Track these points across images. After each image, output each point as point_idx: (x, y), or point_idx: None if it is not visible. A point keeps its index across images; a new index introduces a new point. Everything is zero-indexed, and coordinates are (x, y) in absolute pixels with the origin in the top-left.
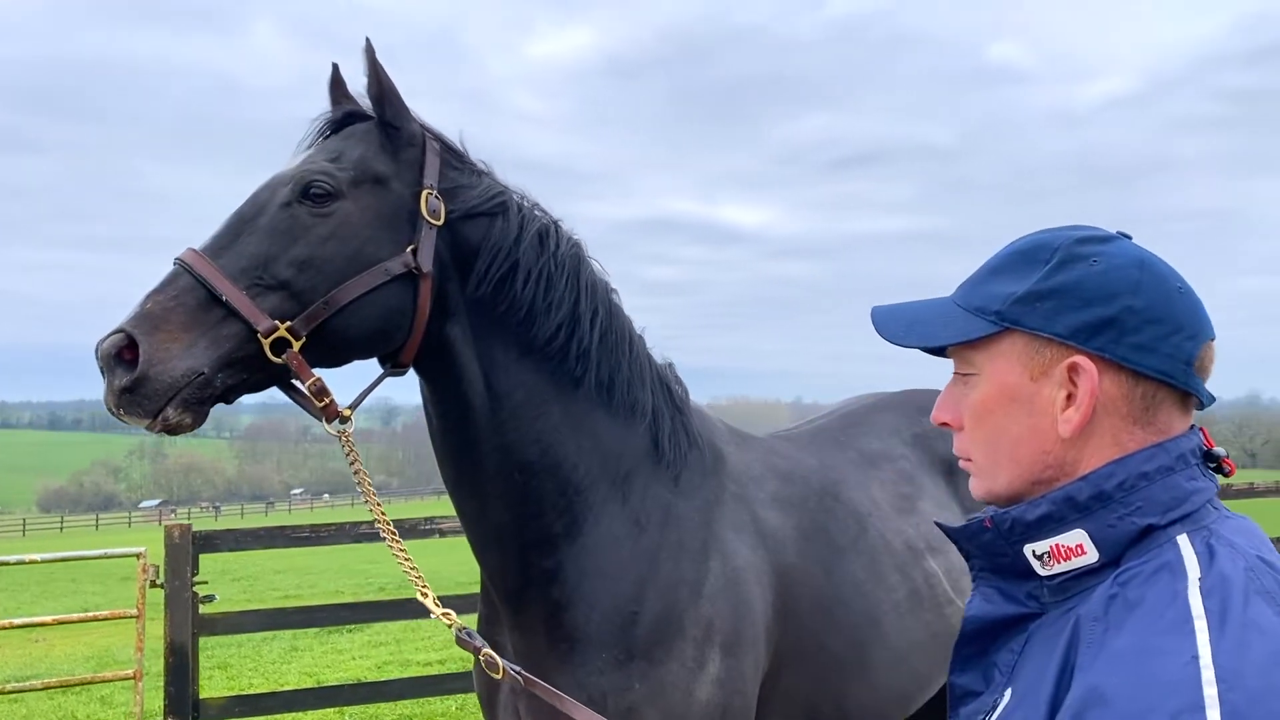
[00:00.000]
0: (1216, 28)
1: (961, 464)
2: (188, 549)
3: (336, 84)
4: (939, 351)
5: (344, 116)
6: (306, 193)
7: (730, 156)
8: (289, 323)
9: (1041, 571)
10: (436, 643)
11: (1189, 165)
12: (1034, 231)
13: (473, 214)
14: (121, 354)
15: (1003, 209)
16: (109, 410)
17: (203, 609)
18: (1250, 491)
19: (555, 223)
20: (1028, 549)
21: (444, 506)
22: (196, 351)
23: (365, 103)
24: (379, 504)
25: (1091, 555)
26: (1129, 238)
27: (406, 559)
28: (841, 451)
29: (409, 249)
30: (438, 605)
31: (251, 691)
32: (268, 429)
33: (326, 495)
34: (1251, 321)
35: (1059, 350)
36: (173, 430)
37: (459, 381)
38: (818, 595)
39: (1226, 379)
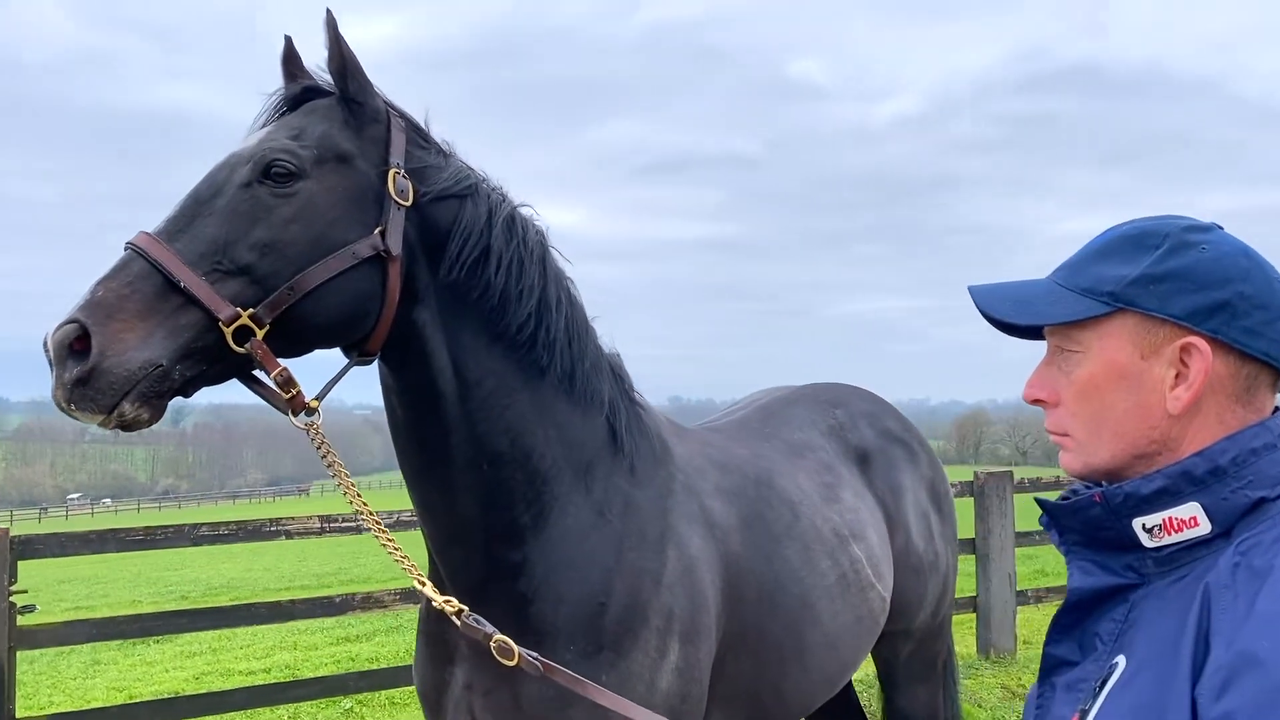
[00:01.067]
0: (995, 57)
1: (1055, 439)
2: (4, 555)
3: (290, 58)
4: (1030, 333)
5: (302, 92)
6: (268, 172)
7: (539, 156)
8: (251, 310)
9: (1149, 544)
10: (256, 650)
11: (971, 183)
12: (1136, 219)
13: (443, 196)
14: (73, 345)
15: (805, 218)
16: (59, 405)
17: (20, 620)
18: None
19: (519, 208)
20: (1137, 522)
21: (238, 511)
22: (153, 342)
23: (324, 78)
24: (360, 496)
25: (1204, 527)
26: (1223, 229)
27: (396, 549)
28: (768, 442)
29: (377, 231)
30: (437, 594)
31: (63, 710)
32: (40, 430)
33: (108, 500)
34: None
35: (1173, 331)
36: (128, 426)
37: (428, 369)
38: (760, 582)
39: (1003, 381)
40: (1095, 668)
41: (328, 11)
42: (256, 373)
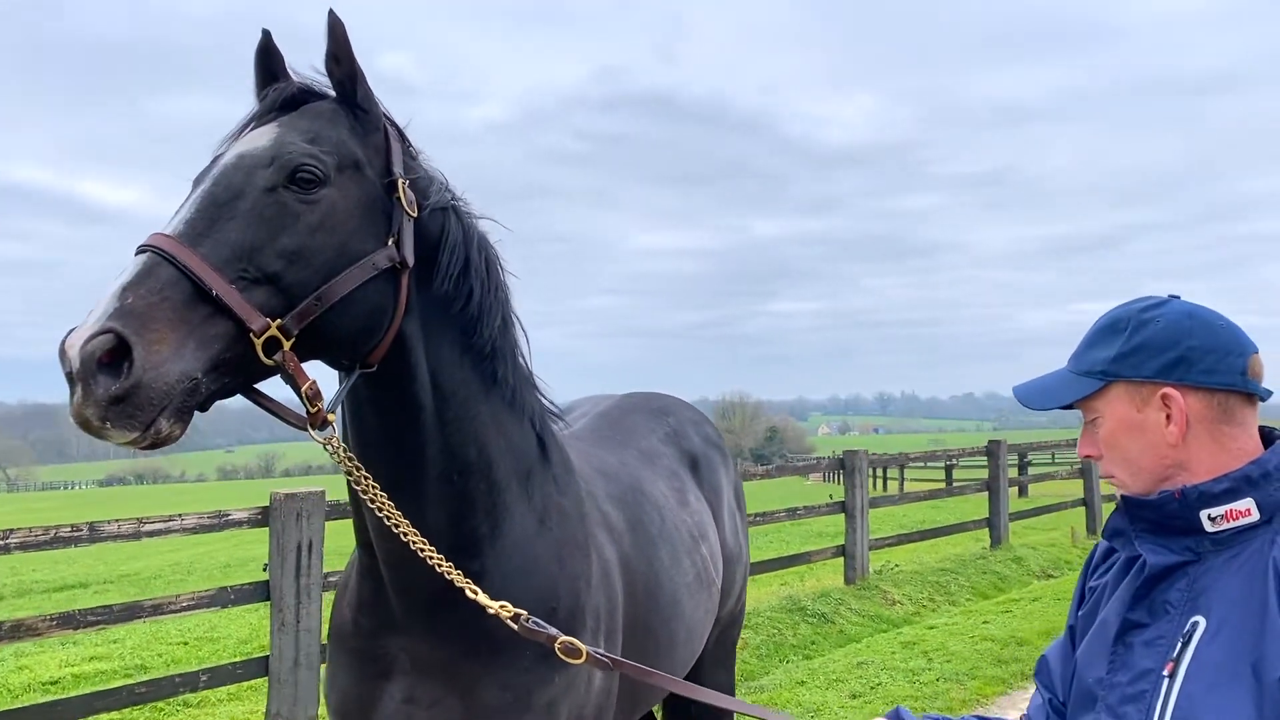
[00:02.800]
0: (580, 75)
1: (1110, 481)
2: None
3: (268, 53)
4: (1068, 406)
5: (298, 92)
6: (293, 177)
7: (93, 125)
8: (279, 320)
9: (1210, 529)
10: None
11: (558, 193)
12: (1112, 308)
13: (436, 207)
14: (102, 358)
15: None
16: (85, 423)
17: None
18: None
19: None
20: (1204, 513)
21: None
22: (186, 354)
23: (315, 78)
24: (394, 509)
25: (1254, 515)
26: (1179, 298)
27: (441, 560)
28: (625, 450)
29: (390, 242)
30: (493, 602)
31: None
32: None
33: None
34: (605, 334)
35: (1151, 387)
36: (160, 444)
37: (412, 381)
38: (645, 582)
39: (595, 385)
40: (1171, 627)
41: (331, 13)
42: (258, 385)
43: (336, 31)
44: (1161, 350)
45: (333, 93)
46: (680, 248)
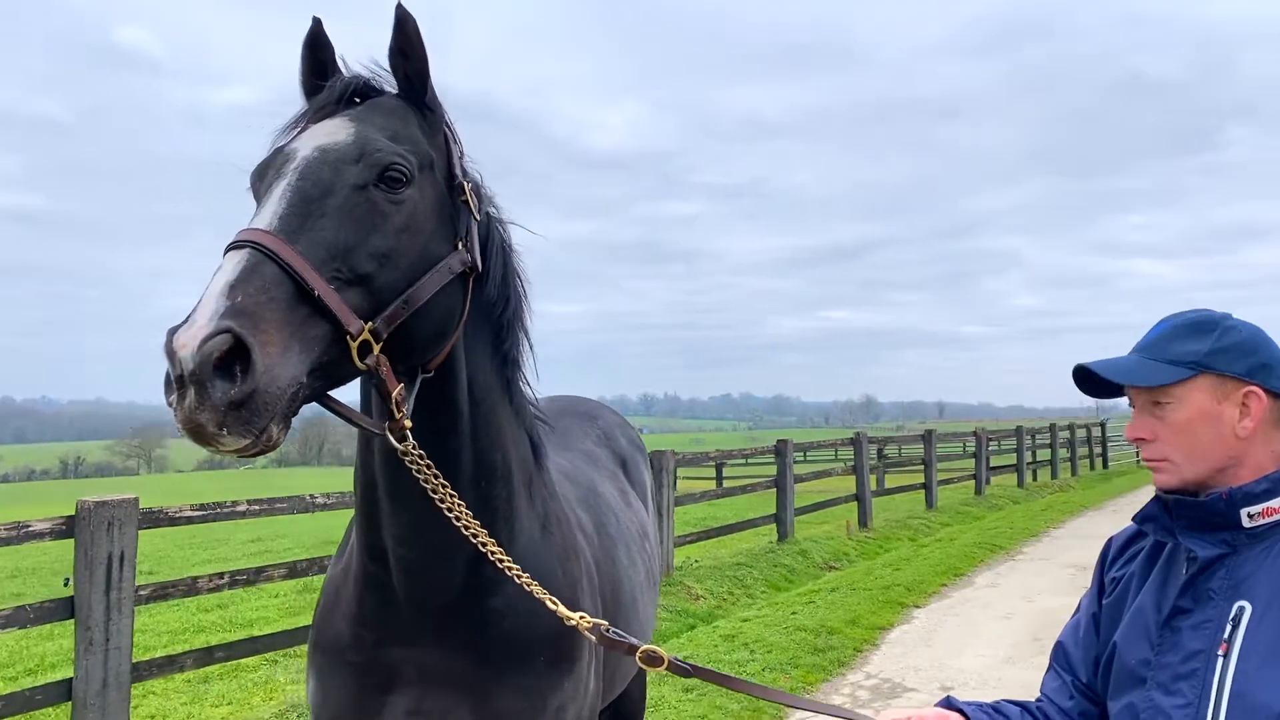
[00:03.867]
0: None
1: (1153, 463)
2: None
3: (319, 43)
4: (1110, 392)
5: (363, 86)
6: (383, 176)
7: None
8: (371, 324)
9: (1247, 525)
10: None
11: None
12: (1185, 311)
13: (489, 214)
14: (217, 360)
15: (129, 197)
16: (197, 429)
17: None
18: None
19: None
20: (1244, 511)
21: None
22: (293, 357)
23: (378, 72)
24: (472, 517)
25: None
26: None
27: (522, 574)
28: (571, 452)
29: (460, 245)
30: (572, 614)
31: None
32: None
33: None
34: None
35: (1236, 383)
36: (266, 450)
37: (456, 386)
38: (610, 582)
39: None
40: (1217, 612)
41: (400, 6)
42: (331, 391)
43: (407, 26)
44: (1249, 354)
45: (390, 88)
46: None
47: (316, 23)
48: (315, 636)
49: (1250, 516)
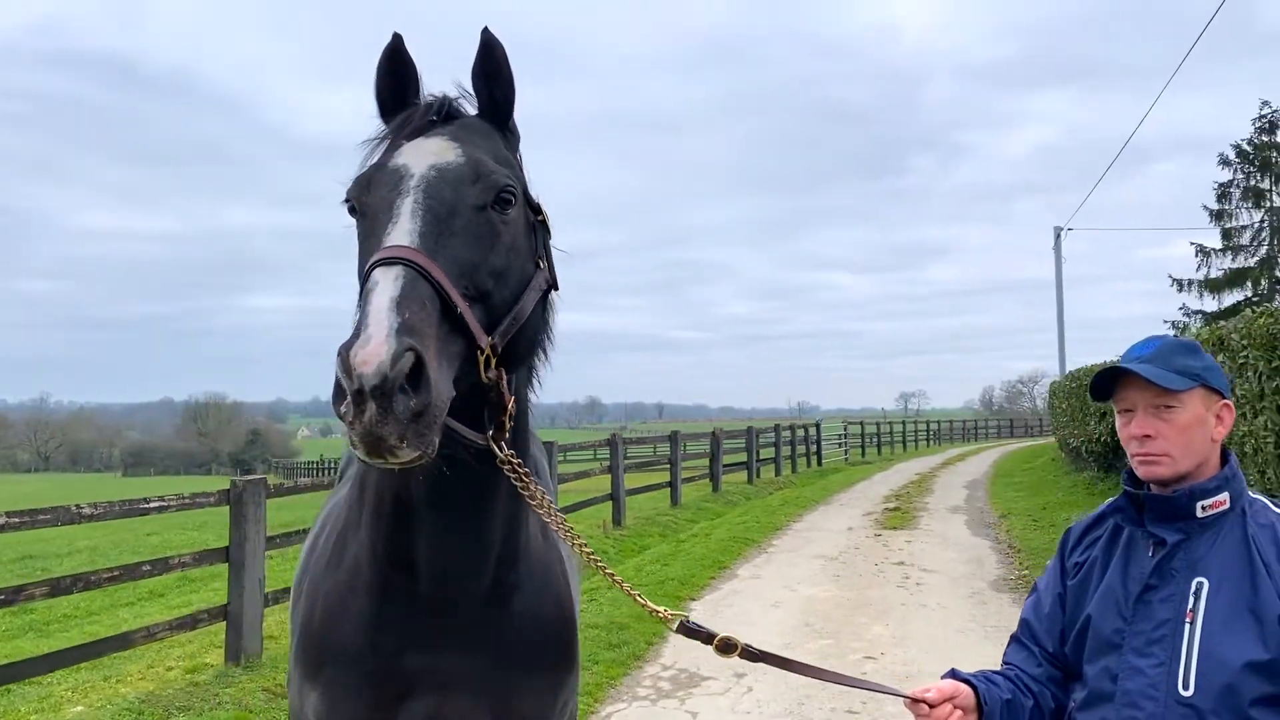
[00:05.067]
0: (14, 26)
1: (1153, 457)
2: None
3: (398, 57)
4: (1108, 393)
5: (452, 106)
6: (498, 197)
7: None
8: (491, 339)
9: (1200, 515)
10: None
11: None
12: (1165, 335)
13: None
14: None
15: None
16: (376, 442)
17: None
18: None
19: None
20: (1199, 504)
21: None
22: (445, 372)
23: (449, 89)
24: (571, 529)
25: (1227, 504)
26: None
27: (618, 578)
28: None
29: (541, 263)
30: (661, 607)
31: None
32: None
33: None
34: (39, 324)
35: (1218, 397)
36: (427, 461)
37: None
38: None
39: (16, 382)
40: (1180, 587)
41: (488, 31)
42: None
43: (496, 51)
44: (1222, 375)
45: (470, 108)
46: (137, 230)
47: (397, 38)
48: (318, 651)
49: (1203, 509)
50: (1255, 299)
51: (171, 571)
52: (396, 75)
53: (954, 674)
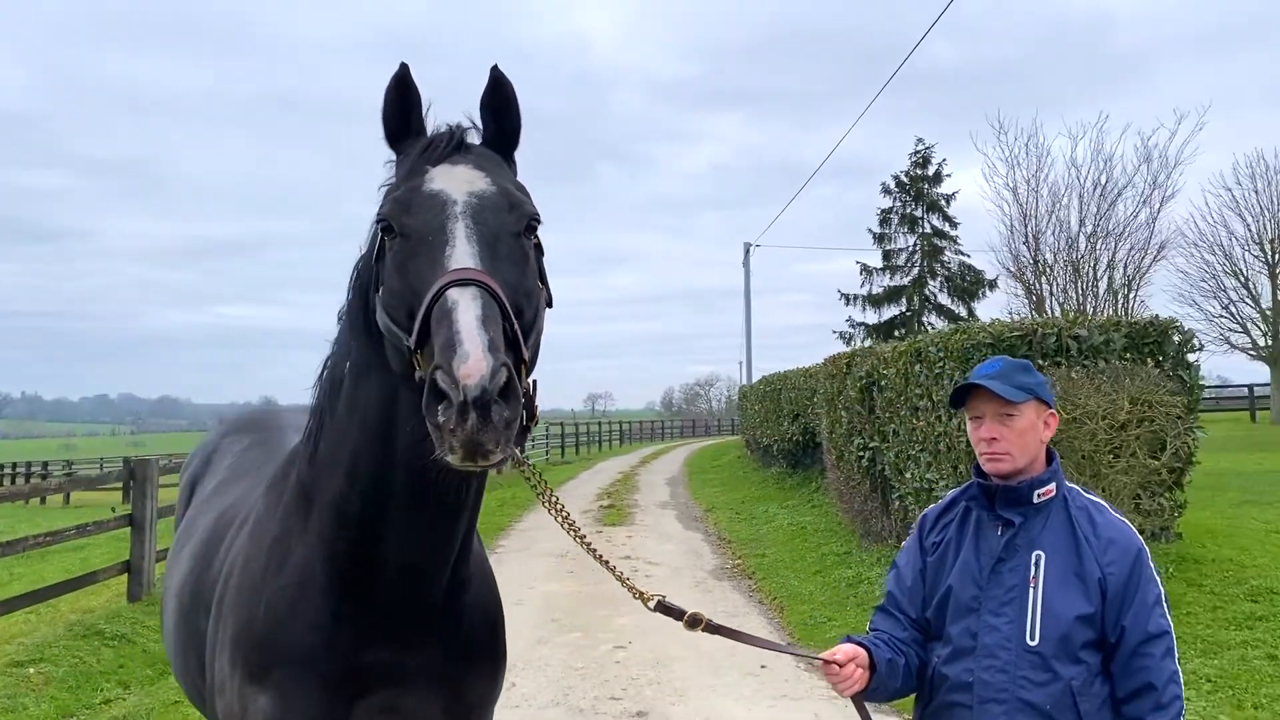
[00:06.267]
0: None
1: (998, 456)
2: None
3: (405, 85)
4: (958, 403)
5: (464, 135)
6: (529, 225)
7: None
8: (526, 353)
9: (1035, 501)
10: None
11: None
12: (1006, 357)
13: None
14: (500, 389)
15: None
16: (476, 448)
17: None
18: None
19: None
20: (1036, 492)
21: None
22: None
23: (460, 119)
24: (579, 528)
25: (1054, 492)
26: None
27: (611, 564)
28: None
29: (541, 282)
30: (639, 589)
31: None
32: None
33: None
34: None
35: (1046, 407)
36: (502, 465)
37: None
38: None
39: None
40: (1023, 560)
41: (497, 68)
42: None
43: (506, 89)
44: (1048, 389)
45: (475, 136)
46: None
47: (404, 68)
48: (263, 654)
49: (1038, 495)
50: (909, 313)
51: (87, 535)
52: (405, 102)
53: (849, 639)
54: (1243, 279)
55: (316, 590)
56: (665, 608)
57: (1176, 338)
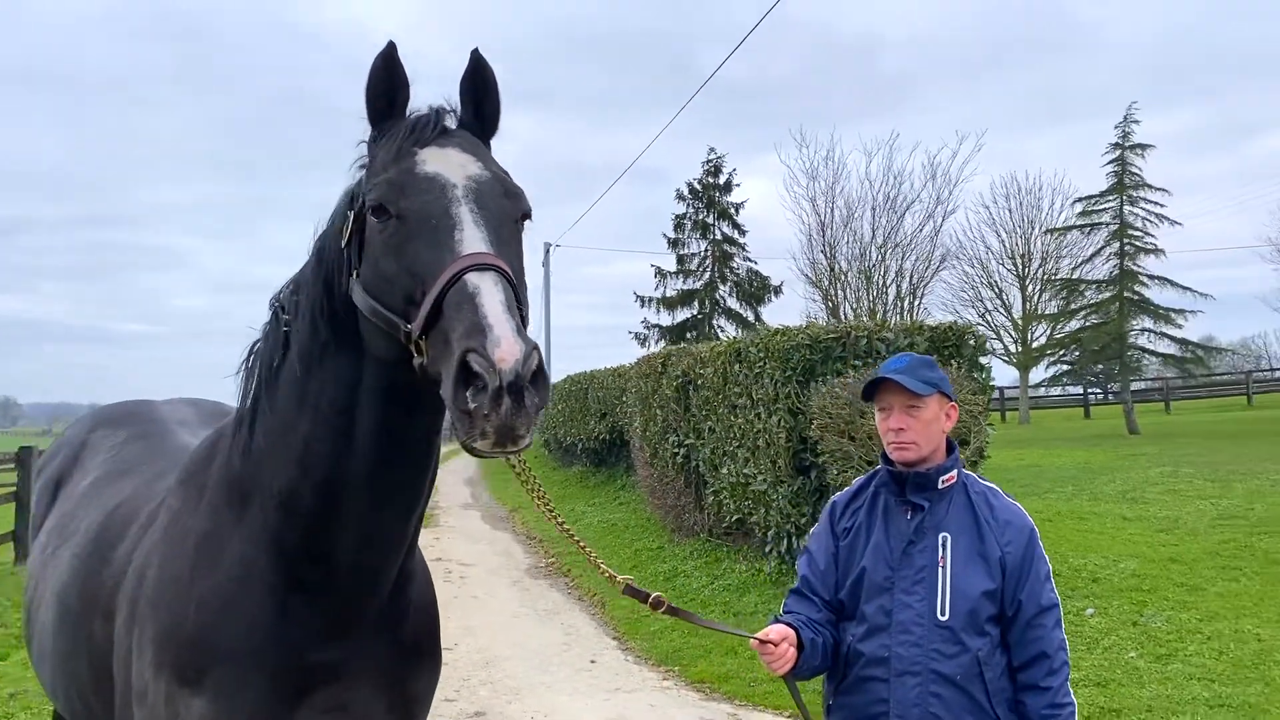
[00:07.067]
0: None
1: (904, 445)
2: None
3: (391, 64)
4: (869, 396)
5: (445, 116)
6: (526, 211)
7: None
8: None
9: (940, 487)
10: None
11: None
12: (912, 353)
13: None
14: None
15: None
16: (508, 432)
17: None
18: None
19: None
20: (941, 479)
21: None
22: None
23: (440, 102)
24: (564, 521)
25: (956, 480)
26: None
27: (589, 549)
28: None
29: None
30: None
31: None
32: None
33: None
34: None
35: (947, 400)
36: (524, 449)
37: None
38: None
39: None
40: (931, 542)
41: (477, 53)
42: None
43: (487, 75)
44: (949, 384)
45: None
46: None
47: (390, 46)
48: (197, 656)
49: (943, 481)
50: (700, 316)
51: None
52: (391, 81)
53: (778, 619)
54: (997, 290)
55: (260, 586)
56: (632, 590)
57: (971, 341)
